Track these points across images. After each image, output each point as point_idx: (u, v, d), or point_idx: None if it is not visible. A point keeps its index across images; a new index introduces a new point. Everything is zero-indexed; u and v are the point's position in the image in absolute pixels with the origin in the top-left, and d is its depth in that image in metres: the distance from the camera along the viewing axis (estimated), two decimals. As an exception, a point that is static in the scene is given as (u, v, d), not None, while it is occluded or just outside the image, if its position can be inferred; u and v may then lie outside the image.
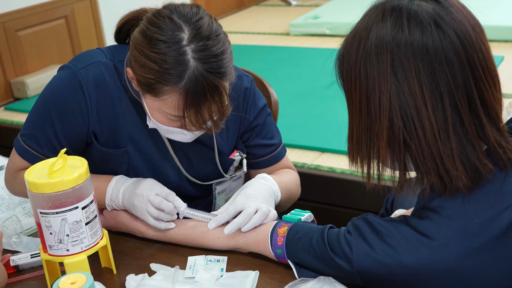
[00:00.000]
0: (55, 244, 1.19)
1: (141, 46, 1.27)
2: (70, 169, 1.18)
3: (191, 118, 1.27)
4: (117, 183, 1.43)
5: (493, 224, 1.01)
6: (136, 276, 1.28)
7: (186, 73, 1.23)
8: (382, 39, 1.01)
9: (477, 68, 1.00)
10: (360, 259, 1.09)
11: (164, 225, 1.39)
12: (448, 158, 1.00)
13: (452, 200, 1.03)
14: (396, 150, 1.03)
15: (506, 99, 2.89)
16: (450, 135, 1.00)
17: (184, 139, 1.38)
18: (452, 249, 1.01)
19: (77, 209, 1.17)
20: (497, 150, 1.02)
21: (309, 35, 4.71)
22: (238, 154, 1.58)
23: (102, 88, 1.41)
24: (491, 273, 1.01)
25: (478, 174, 1.02)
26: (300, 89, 3.49)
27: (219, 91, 1.27)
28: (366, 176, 1.10)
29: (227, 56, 1.29)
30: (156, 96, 1.28)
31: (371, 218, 1.12)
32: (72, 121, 1.41)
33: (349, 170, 2.37)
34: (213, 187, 1.58)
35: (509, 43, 3.98)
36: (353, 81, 1.05)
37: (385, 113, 1.01)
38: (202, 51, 1.24)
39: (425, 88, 0.99)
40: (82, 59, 1.43)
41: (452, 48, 0.99)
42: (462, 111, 1.00)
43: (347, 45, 1.07)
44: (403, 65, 0.99)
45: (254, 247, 1.32)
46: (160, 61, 1.24)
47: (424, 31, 0.99)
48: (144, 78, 1.27)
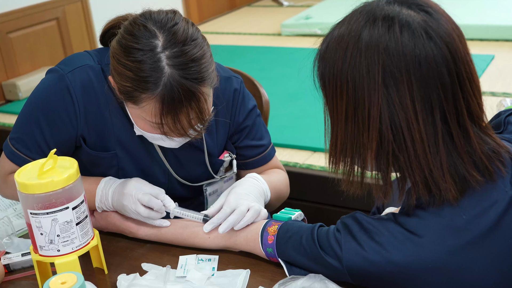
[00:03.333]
0: (45, 244, 1.19)
1: (118, 55, 1.27)
2: (60, 170, 1.19)
3: (170, 125, 1.27)
4: (106, 185, 1.44)
5: (480, 221, 1.01)
6: (128, 276, 1.28)
7: (161, 80, 1.23)
8: (372, 48, 0.99)
9: (464, 81, 1.00)
10: (350, 257, 1.10)
11: (158, 222, 1.40)
12: (438, 170, 1.00)
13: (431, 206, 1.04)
14: (383, 161, 1.03)
15: (495, 97, 2.90)
16: (439, 148, 1.00)
17: (171, 145, 1.38)
18: (439, 245, 1.02)
19: (68, 209, 1.17)
20: (483, 161, 1.02)
21: (300, 35, 4.72)
22: (228, 155, 1.58)
23: (89, 92, 1.41)
24: (479, 270, 1.02)
25: (466, 185, 1.02)
26: (292, 89, 3.49)
27: (196, 97, 1.26)
28: (347, 182, 1.10)
29: (205, 61, 1.28)
30: (135, 104, 1.29)
31: (360, 216, 1.12)
32: (60, 125, 1.41)
33: (341, 170, 2.37)
34: (204, 188, 1.59)
35: (500, 42, 4.00)
36: (339, 88, 1.03)
37: (375, 125, 1.00)
38: (177, 57, 1.24)
39: (417, 102, 0.98)
40: (70, 62, 1.43)
41: (444, 62, 0.98)
42: (451, 124, 1.00)
43: (330, 48, 1.04)
44: (395, 78, 0.98)
45: (245, 246, 1.32)
46: (136, 69, 1.24)
47: (417, 43, 0.98)
48: (122, 86, 1.28)
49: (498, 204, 1.02)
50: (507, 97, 2.85)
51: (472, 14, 4.28)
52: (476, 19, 4.17)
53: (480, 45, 3.94)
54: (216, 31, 5.15)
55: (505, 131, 1.18)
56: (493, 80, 3.25)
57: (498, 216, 1.02)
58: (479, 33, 4.03)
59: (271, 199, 1.52)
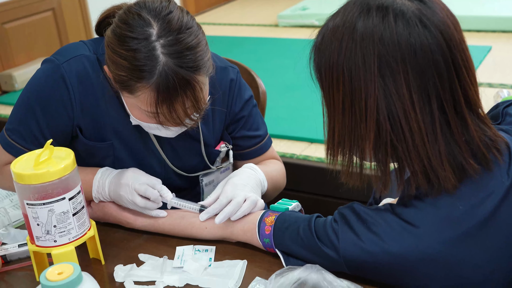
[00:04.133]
0: (42, 235, 1.18)
1: (112, 44, 1.26)
2: (57, 160, 1.18)
3: (165, 114, 1.26)
4: (103, 175, 1.43)
5: (476, 211, 1.01)
6: (125, 266, 1.28)
7: (156, 69, 1.22)
8: (368, 39, 0.98)
9: (461, 68, 1.00)
10: (347, 247, 1.10)
11: (155, 212, 1.39)
12: (436, 159, 1.00)
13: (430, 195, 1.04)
14: (382, 151, 1.03)
15: (493, 88, 2.90)
16: (438, 137, 0.99)
17: (167, 134, 1.38)
18: (435, 236, 1.02)
19: (64, 200, 1.17)
20: (481, 149, 1.02)
21: (297, 26, 4.71)
22: (224, 145, 1.58)
23: (85, 82, 1.40)
24: (475, 261, 1.02)
25: (464, 174, 1.02)
26: (289, 80, 3.49)
27: (192, 86, 1.25)
28: (346, 174, 1.10)
29: (201, 49, 1.27)
30: (130, 93, 1.28)
31: (357, 207, 1.12)
32: (56, 115, 1.40)
33: (339, 161, 2.37)
34: (200, 179, 1.58)
35: (497, 33, 4.00)
36: (335, 80, 1.03)
37: (372, 116, 1.00)
38: (172, 45, 1.23)
39: (413, 91, 0.98)
40: (65, 52, 1.42)
41: (439, 49, 0.98)
42: (449, 112, 1.00)
43: (326, 40, 1.04)
44: (391, 68, 0.98)
45: (242, 237, 1.32)
46: (131, 58, 1.23)
47: (412, 31, 0.97)
48: (117, 75, 1.27)
49: (494, 195, 1.02)
50: (504, 88, 2.85)
51: (469, 5, 4.28)
52: (473, 10, 4.16)
53: (478, 36, 3.94)
54: (212, 22, 5.13)
55: (503, 122, 1.18)
56: (491, 71, 3.25)
57: (495, 206, 1.02)
58: (477, 24, 4.03)
59: (268, 189, 1.52)
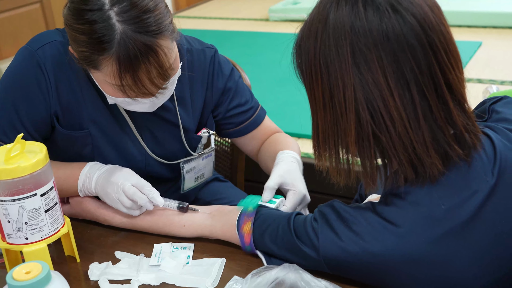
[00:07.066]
0: (13, 232, 1.15)
1: (69, 20, 1.23)
2: (28, 155, 1.15)
3: (130, 85, 1.22)
4: (91, 169, 1.40)
5: (459, 211, 0.99)
6: (100, 264, 1.25)
7: (114, 38, 1.18)
8: (339, 29, 0.97)
9: (439, 51, 0.97)
10: (327, 247, 1.07)
11: (138, 212, 1.36)
12: (422, 146, 0.98)
13: (418, 185, 1.01)
14: (365, 144, 1.00)
15: (482, 84, 2.88)
16: (421, 123, 0.97)
17: (143, 108, 1.33)
18: (417, 235, 0.99)
19: (36, 196, 1.13)
20: (463, 134, 1.00)
21: (288, 20, 4.67)
22: (205, 131, 1.54)
23: (60, 67, 1.37)
24: (457, 261, 1.00)
25: (447, 160, 1.00)
26: (278, 75, 3.46)
27: (154, 51, 1.20)
28: (336, 173, 1.07)
29: (159, 12, 1.22)
30: (96, 69, 1.24)
31: (337, 205, 1.10)
32: (35, 102, 1.37)
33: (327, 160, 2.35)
34: (181, 165, 1.53)
35: (487, 28, 3.97)
36: (314, 75, 1.01)
37: (351, 107, 0.98)
38: (127, 11, 1.19)
39: (390, 78, 0.96)
40: (38, 39, 1.39)
41: (413, 33, 0.95)
42: (430, 97, 0.97)
43: (304, 37, 1.03)
44: (365, 56, 0.96)
45: (222, 236, 1.29)
46: (88, 31, 1.19)
47: (382, 17, 0.95)
48: (80, 52, 1.23)
49: (478, 194, 0.99)
50: (493, 84, 2.82)
51: (460, 0, 4.25)
52: (464, 5, 4.14)
53: (468, 32, 3.92)
54: (204, 16, 5.09)
55: (489, 119, 1.15)
56: (480, 67, 3.23)
57: (478, 205, 0.99)
58: (467, 19, 4.00)
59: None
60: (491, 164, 1.02)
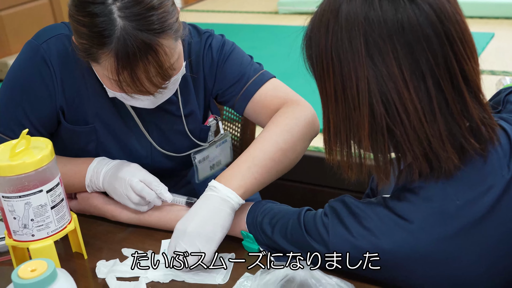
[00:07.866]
0: (19, 229, 1.14)
1: (72, 11, 1.21)
2: (34, 151, 1.13)
3: (128, 82, 1.19)
4: (99, 164, 1.38)
5: (473, 207, 0.96)
6: (107, 262, 1.23)
7: (114, 33, 1.16)
8: (352, 20, 0.94)
9: (455, 42, 0.94)
10: (337, 242, 1.05)
11: (146, 208, 1.35)
12: (437, 140, 0.95)
13: (432, 180, 0.98)
14: (379, 138, 0.97)
15: (495, 76, 2.84)
16: (436, 116, 0.94)
17: (143, 105, 1.31)
18: (429, 232, 0.97)
19: (42, 192, 1.12)
20: (480, 127, 0.97)
21: (298, 13, 4.64)
22: (212, 119, 1.51)
23: (66, 61, 1.35)
24: (468, 258, 0.97)
25: (463, 154, 0.97)
26: (287, 68, 3.43)
27: (154, 50, 1.18)
28: (347, 168, 1.05)
29: (164, 10, 1.19)
30: (95, 62, 1.22)
31: (348, 200, 1.07)
32: (40, 98, 1.35)
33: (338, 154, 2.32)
34: (192, 156, 1.49)
35: (500, 19, 3.92)
36: (325, 67, 0.98)
37: (365, 100, 0.95)
38: (130, 7, 1.16)
39: (405, 70, 0.93)
40: (44, 33, 1.38)
41: (429, 23, 0.92)
42: (446, 89, 0.94)
43: (314, 28, 1.00)
44: (379, 47, 0.93)
45: (230, 231, 1.27)
46: (89, 24, 1.17)
47: (397, 7, 0.92)
48: (80, 44, 1.22)
49: (493, 189, 0.97)
50: (506, 76, 2.78)
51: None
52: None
53: (480, 23, 3.86)
54: (212, 9, 5.06)
55: (503, 110, 1.12)
56: (493, 58, 3.18)
57: (494, 201, 0.96)
58: (479, 10, 3.95)
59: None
60: (506, 158, 0.99)
